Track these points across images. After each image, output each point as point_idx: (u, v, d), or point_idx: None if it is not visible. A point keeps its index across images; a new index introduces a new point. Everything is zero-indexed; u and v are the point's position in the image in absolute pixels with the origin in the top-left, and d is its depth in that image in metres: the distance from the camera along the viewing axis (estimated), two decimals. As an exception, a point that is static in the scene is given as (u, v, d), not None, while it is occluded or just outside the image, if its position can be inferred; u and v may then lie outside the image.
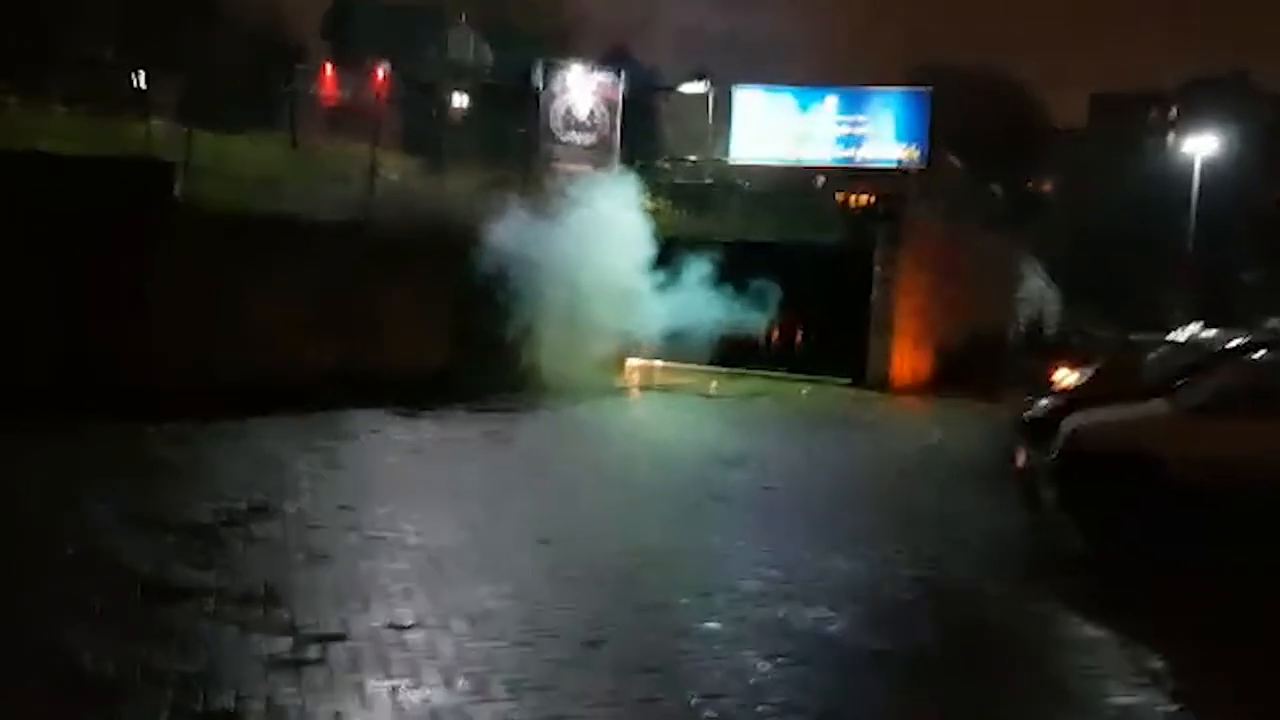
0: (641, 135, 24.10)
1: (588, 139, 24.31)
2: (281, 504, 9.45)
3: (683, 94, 23.93)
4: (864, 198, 22.16)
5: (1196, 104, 64.01)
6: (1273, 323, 22.38)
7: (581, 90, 24.36)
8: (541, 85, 24.81)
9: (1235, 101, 59.03)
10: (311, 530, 8.60)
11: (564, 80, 24.48)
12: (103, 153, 15.40)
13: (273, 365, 15.11)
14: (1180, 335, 26.05)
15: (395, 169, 21.36)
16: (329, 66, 30.78)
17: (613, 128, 24.11)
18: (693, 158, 22.83)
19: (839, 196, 22.52)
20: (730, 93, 23.02)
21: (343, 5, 42.78)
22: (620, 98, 24.52)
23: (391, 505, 9.61)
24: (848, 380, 21.29)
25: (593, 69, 25.50)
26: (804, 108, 22.41)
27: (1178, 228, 48.32)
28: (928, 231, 21.43)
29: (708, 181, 22.55)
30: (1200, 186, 44.86)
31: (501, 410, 15.92)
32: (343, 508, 9.41)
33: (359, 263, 16.91)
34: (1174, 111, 70.47)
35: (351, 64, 31.30)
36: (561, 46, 36.26)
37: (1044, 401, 14.63)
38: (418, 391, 15.90)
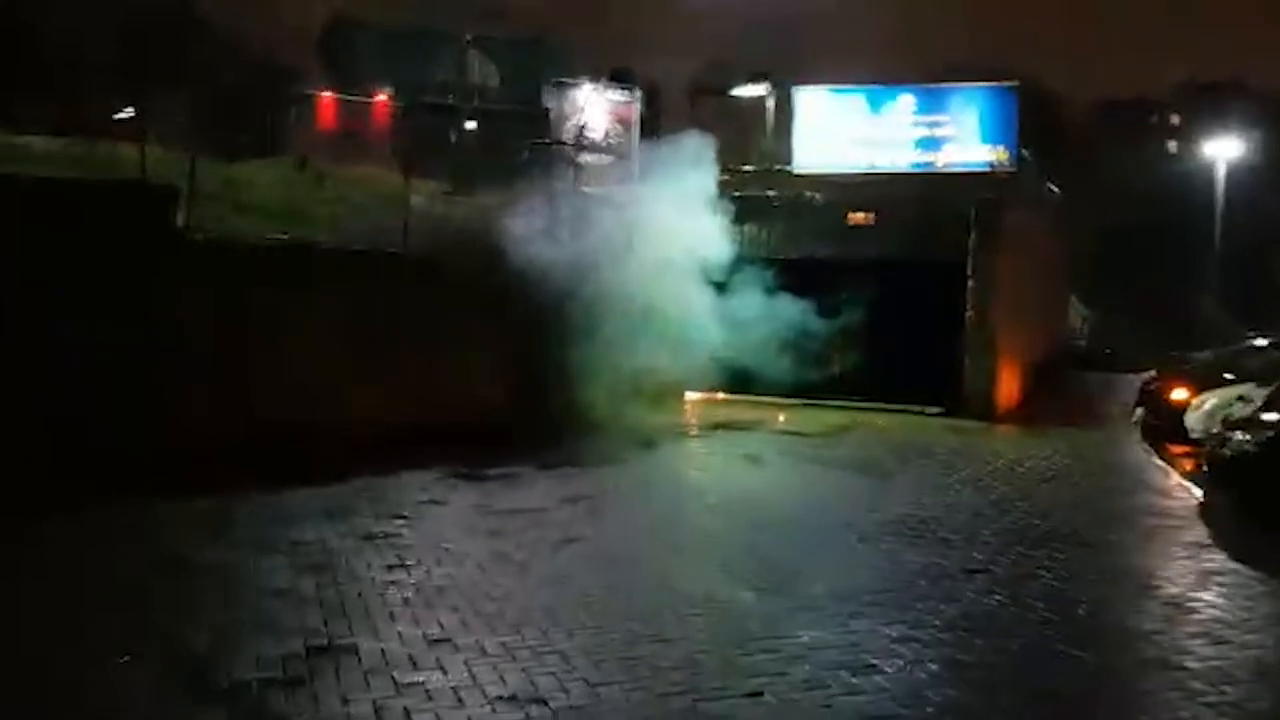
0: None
1: (604, 159, 21.79)
2: (353, 637, 6.59)
3: (738, 98, 21.18)
4: (860, 215, 19.42)
5: (1199, 109, 62.13)
6: None
7: (594, 109, 22.15)
8: (553, 105, 22.83)
9: (1238, 106, 56.70)
10: (411, 692, 5.72)
11: (575, 100, 22.38)
12: (93, 177, 12.53)
13: (305, 417, 12.41)
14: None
15: (416, 193, 18.71)
16: (331, 89, 28.31)
17: (630, 147, 21.71)
18: (749, 167, 19.93)
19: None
20: (790, 94, 20.11)
21: (341, 28, 40.10)
22: (636, 116, 22.55)
23: (503, 631, 6.75)
24: (939, 409, 18.41)
25: (604, 87, 23.44)
26: (875, 108, 19.52)
27: (1196, 234, 45.95)
28: (1020, 239, 18.64)
29: (769, 193, 19.64)
30: (1224, 192, 42.67)
31: (569, 465, 13.07)
32: (439, 641, 6.54)
33: (397, 296, 14.20)
34: (1176, 118, 68.31)
35: (354, 86, 29.06)
36: (568, 64, 33.74)
37: (1239, 436, 11.84)
38: (471, 442, 13.23)
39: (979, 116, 18.93)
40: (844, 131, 19.55)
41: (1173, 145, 68.24)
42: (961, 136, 18.93)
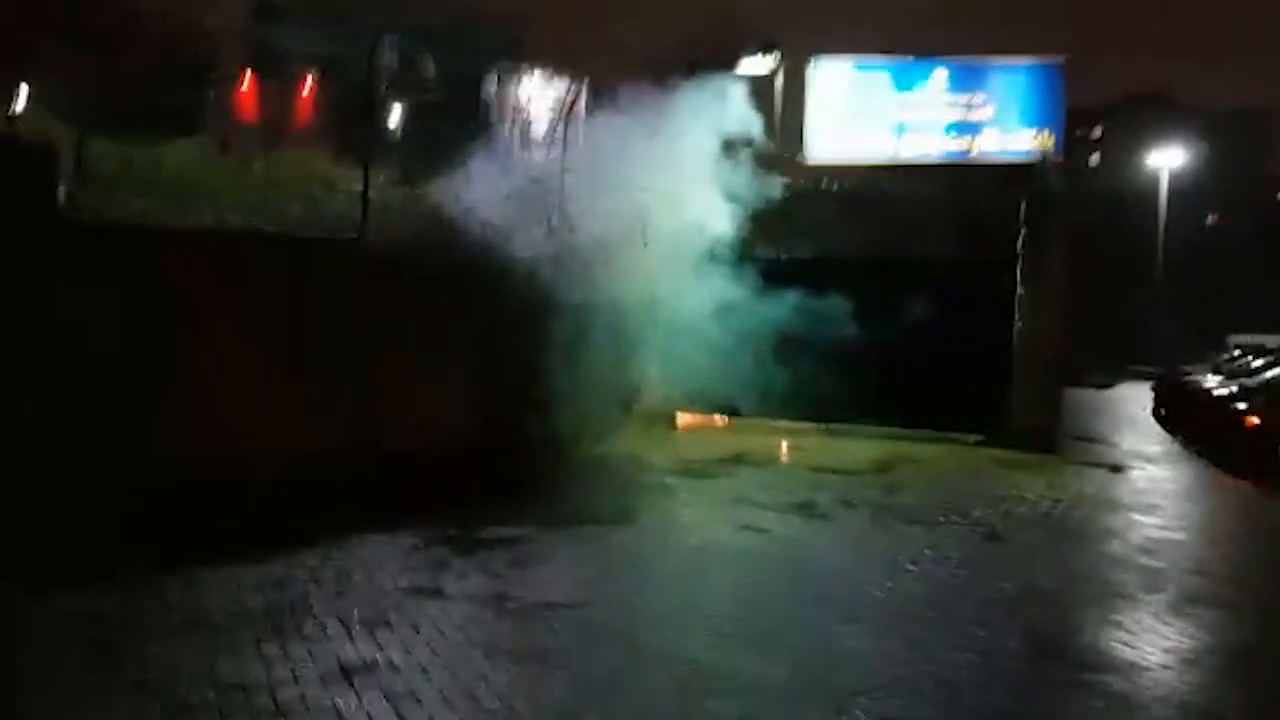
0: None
1: (547, 156, 18.86)
2: None
3: (742, 74, 17.79)
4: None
5: (1127, 122, 61.00)
6: None
7: (538, 103, 19.42)
8: (494, 98, 20.00)
9: (1164, 120, 55.14)
10: None
11: (519, 92, 19.63)
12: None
13: (227, 455, 8.92)
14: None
15: (352, 181, 15.52)
16: (254, 72, 24.82)
17: (571, 144, 18.92)
18: (749, 154, 16.57)
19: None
20: (804, 69, 16.75)
21: (270, 11, 36.21)
22: (582, 110, 19.83)
23: None
24: (979, 437, 15.25)
25: (551, 78, 20.74)
26: (902, 86, 16.27)
27: (1139, 245, 44.08)
28: (1069, 240, 15.56)
29: (780, 182, 16.28)
30: (1166, 205, 41.03)
31: (581, 521, 9.64)
32: None
33: (343, 296, 10.72)
34: (1098, 130, 66.72)
35: (281, 70, 25.59)
36: (512, 53, 30.74)
37: None
38: (442, 482, 9.98)
39: (1020, 97, 15.82)
40: (866, 114, 16.30)
41: (1095, 158, 66.96)
42: (1002, 119, 15.80)
